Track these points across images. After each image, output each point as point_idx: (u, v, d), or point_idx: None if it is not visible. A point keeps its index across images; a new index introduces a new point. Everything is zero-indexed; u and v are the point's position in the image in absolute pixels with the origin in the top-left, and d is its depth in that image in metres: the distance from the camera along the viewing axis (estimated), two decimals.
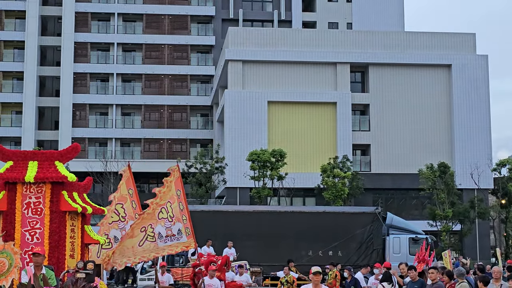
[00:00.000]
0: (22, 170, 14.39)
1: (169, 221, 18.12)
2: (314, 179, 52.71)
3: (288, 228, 33.32)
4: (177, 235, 18.17)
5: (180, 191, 18.77)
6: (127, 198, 20.31)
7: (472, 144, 57.72)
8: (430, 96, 58.72)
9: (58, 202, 14.44)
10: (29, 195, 14.39)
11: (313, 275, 11.68)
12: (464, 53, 59.73)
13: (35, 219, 14.30)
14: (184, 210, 18.46)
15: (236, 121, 56.76)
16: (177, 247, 18.32)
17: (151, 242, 17.91)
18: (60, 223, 14.39)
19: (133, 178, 20.81)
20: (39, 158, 14.72)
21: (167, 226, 18.08)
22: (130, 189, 20.50)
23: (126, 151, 68.52)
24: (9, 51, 70.24)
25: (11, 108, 69.53)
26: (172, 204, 18.28)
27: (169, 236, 18.06)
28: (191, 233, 18.34)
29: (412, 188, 54.96)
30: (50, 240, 14.21)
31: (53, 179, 14.39)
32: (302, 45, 58.71)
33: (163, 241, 18.01)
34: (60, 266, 13.97)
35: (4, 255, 9.18)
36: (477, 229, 54.63)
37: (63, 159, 14.89)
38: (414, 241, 33.71)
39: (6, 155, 14.77)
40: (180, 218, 18.34)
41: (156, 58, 70.44)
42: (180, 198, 18.63)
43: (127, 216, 20.01)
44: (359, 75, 60.77)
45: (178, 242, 18.22)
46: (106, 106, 70.08)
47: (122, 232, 19.56)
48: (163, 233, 17.99)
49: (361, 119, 59.44)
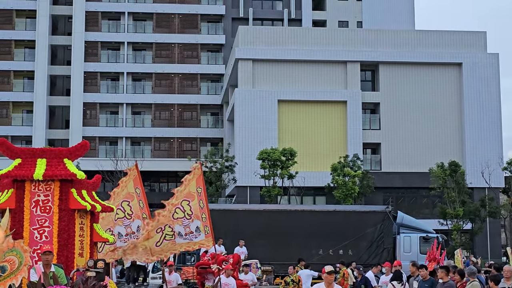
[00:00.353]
0: (30, 168, 14.11)
1: (187, 218, 18.00)
2: (324, 178, 52.68)
3: (298, 227, 33.30)
4: (195, 232, 18.00)
5: (201, 188, 18.57)
6: (134, 197, 20.19)
7: (482, 143, 57.55)
8: (440, 94, 58.58)
9: (67, 200, 14.20)
10: (37, 193, 14.12)
11: (327, 275, 11.65)
12: (475, 52, 59.56)
13: (44, 217, 14.06)
14: (204, 208, 18.31)
15: (246, 120, 56.77)
16: (194, 244, 18.17)
17: (169, 241, 17.80)
18: (69, 221, 14.13)
19: (140, 178, 20.69)
20: (48, 156, 14.46)
21: (185, 225, 17.98)
22: (138, 188, 20.38)
23: (136, 150, 68.64)
24: (20, 50, 70.47)
25: (22, 107, 69.75)
26: (191, 201, 18.14)
27: (188, 234, 17.94)
28: (210, 232, 18.18)
29: (422, 187, 54.84)
30: (59, 239, 13.96)
31: (62, 176, 14.12)
32: (312, 44, 58.67)
33: (183, 238, 17.90)
34: (69, 264, 13.77)
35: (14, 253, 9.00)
36: (488, 228, 54.47)
37: (72, 156, 14.64)
38: (425, 240, 33.63)
39: (14, 153, 14.50)
40: (199, 216, 18.17)
41: (166, 57, 70.53)
42: (200, 195, 18.46)
43: (134, 214, 19.94)
44: (369, 73, 60.69)
45: (196, 240, 18.06)
46: (117, 105, 70.23)
47: (127, 230, 19.64)
48: (182, 232, 17.90)
49: (372, 118, 59.36)
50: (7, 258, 8.79)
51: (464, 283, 16.01)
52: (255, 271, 28.52)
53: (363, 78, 60.04)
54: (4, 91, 68.57)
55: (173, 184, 69.84)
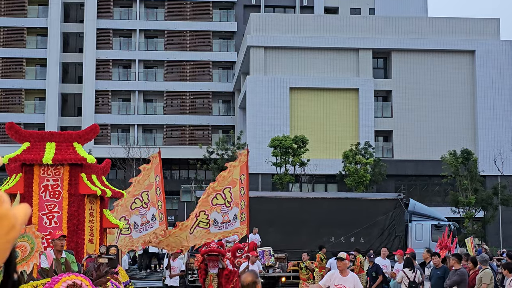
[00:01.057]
0: (39, 152, 13.69)
1: (226, 206, 17.65)
2: (336, 165, 52.63)
3: (310, 214, 33.28)
4: (232, 220, 17.67)
5: (245, 176, 18.29)
6: (153, 185, 20.09)
7: (495, 130, 57.32)
8: (453, 82, 58.33)
9: (77, 184, 13.80)
10: (46, 178, 13.72)
11: (338, 261, 11.64)
12: (488, 39, 59.23)
13: (53, 203, 13.72)
14: (244, 196, 18.03)
15: (258, 107, 56.73)
16: (229, 232, 17.95)
17: (202, 229, 17.43)
18: (79, 206, 13.78)
19: (161, 165, 20.65)
20: (57, 139, 14.05)
21: (223, 212, 17.62)
22: (158, 176, 20.27)
23: (148, 137, 68.74)
24: (32, 37, 70.57)
25: (35, 94, 69.94)
26: (233, 188, 17.81)
27: (225, 222, 17.59)
28: (246, 220, 17.96)
29: (434, 174, 54.69)
30: (68, 224, 13.65)
31: (72, 161, 13.69)
32: (324, 31, 58.49)
33: (217, 228, 17.52)
34: (79, 251, 13.47)
35: (25, 239, 8.69)
36: (500, 216, 54.30)
37: (82, 140, 14.20)
38: (437, 227, 33.53)
39: (22, 136, 14.09)
40: (238, 203, 17.87)
41: (178, 44, 70.47)
42: (243, 183, 18.17)
43: (150, 203, 19.82)
44: (382, 61, 60.48)
45: (231, 229, 17.78)
46: (129, 92, 70.30)
47: (142, 219, 19.55)
48: (219, 220, 17.54)
49: (384, 105, 59.20)
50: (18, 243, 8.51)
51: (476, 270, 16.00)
52: (269, 258, 28.54)
53: (375, 66, 59.84)
54: (17, 79, 68.73)
55: (184, 171, 69.98)
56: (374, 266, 22.21)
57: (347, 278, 11.52)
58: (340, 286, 11.44)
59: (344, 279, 11.48)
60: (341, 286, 11.44)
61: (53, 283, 8.44)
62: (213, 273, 19.57)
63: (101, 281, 9.66)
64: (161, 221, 20.16)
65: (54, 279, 8.53)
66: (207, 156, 53.13)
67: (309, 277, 21.52)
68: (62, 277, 8.54)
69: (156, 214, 20.02)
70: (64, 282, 8.40)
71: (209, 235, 17.54)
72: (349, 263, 12.31)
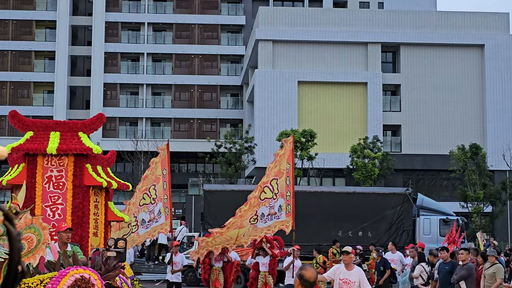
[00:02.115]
0: (43, 141, 13.09)
1: (273, 199, 16.85)
2: (344, 159, 52.55)
3: (317, 208, 33.19)
4: (277, 212, 16.87)
5: (290, 165, 17.38)
6: (160, 179, 19.78)
7: (504, 125, 57.14)
8: (462, 76, 58.15)
9: (82, 176, 13.20)
10: (50, 168, 13.14)
11: (343, 254, 11.63)
12: (497, 33, 58.99)
13: (57, 194, 13.12)
14: (290, 186, 17.21)
15: (266, 101, 56.69)
16: (275, 226, 17.01)
17: (251, 225, 16.69)
18: (84, 198, 13.18)
19: (169, 158, 20.32)
20: (62, 129, 13.45)
21: (270, 205, 16.87)
22: (165, 169, 19.95)
23: (156, 130, 68.78)
24: (41, 30, 70.66)
25: (43, 87, 70.06)
26: (279, 179, 17.03)
27: (271, 214, 16.81)
28: (291, 212, 17.11)
29: (443, 169, 54.56)
30: (73, 217, 13.09)
31: (77, 151, 13.10)
32: (332, 25, 58.35)
33: (263, 221, 16.75)
34: (83, 244, 13.00)
35: (32, 230, 8.32)
36: (509, 211, 54.14)
37: (87, 130, 13.61)
38: (445, 222, 33.42)
39: (25, 125, 13.48)
40: (284, 193, 17.05)
41: (186, 38, 70.45)
42: (288, 172, 17.31)
43: (157, 198, 19.57)
44: (390, 55, 60.32)
45: (276, 221, 16.93)
46: (137, 85, 70.34)
47: (150, 215, 19.35)
48: (265, 213, 16.81)
49: (392, 100, 59.05)
50: (25, 235, 8.19)
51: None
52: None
53: (384, 60, 59.69)
54: (25, 72, 68.87)
55: (192, 165, 70.03)
56: (382, 261, 22.17)
57: (352, 272, 11.48)
58: (345, 280, 11.40)
59: (349, 273, 11.44)
60: (346, 280, 11.39)
61: (60, 277, 8.19)
62: (218, 267, 19.49)
63: (110, 275, 9.43)
64: (167, 215, 19.93)
65: (61, 272, 8.30)
66: (215, 149, 53.13)
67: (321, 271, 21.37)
68: (70, 270, 8.31)
69: (162, 208, 19.76)
70: (71, 276, 8.18)
71: (256, 231, 16.83)
72: (354, 257, 12.27)
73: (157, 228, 19.78)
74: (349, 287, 11.39)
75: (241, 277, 27.68)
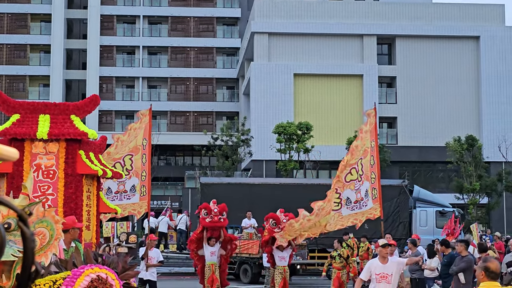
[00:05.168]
0: (31, 125, 11.72)
1: (358, 181, 14.80)
2: (340, 151, 52.53)
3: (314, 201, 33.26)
4: (364, 198, 14.81)
5: (374, 141, 15.17)
6: (139, 150, 17.80)
7: (500, 117, 57.22)
8: (457, 68, 58.19)
9: (74, 163, 11.80)
10: (39, 155, 11.75)
11: (381, 248, 11.34)
12: (493, 25, 59.02)
13: (47, 184, 11.77)
14: (374, 167, 15.04)
15: (262, 93, 56.69)
16: (362, 215, 14.90)
17: (335, 212, 14.70)
18: (77, 188, 11.79)
19: (151, 125, 18.34)
20: (52, 111, 12.04)
21: (356, 189, 14.79)
22: (145, 139, 18.03)
23: (152, 123, 68.38)
24: (36, 24, 70.51)
25: (39, 80, 69.94)
26: (364, 158, 14.99)
27: (358, 201, 14.78)
28: (378, 197, 15.01)
29: (439, 161, 54.68)
30: (65, 208, 11.75)
31: (70, 135, 11.72)
32: (328, 17, 58.33)
33: (350, 208, 14.74)
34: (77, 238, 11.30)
35: (44, 224, 7.41)
36: (505, 202, 54.27)
37: (80, 112, 12.18)
38: (441, 214, 33.54)
39: (11, 107, 12.01)
40: (368, 176, 14.95)
41: (182, 30, 70.36)
42: (372, 150, 15.14)
43: (133, 171, 17.52)
44: (386, 47, 60.33)
45: (364, 210, 14.85)
46: (132, 79, 70.27)
47: (119, 187, 17.33)
48: (352, 198, 14.84)
49: (388, 92, 59.10)
50: (37, 229, 7.38)
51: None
52: None
53: (380, 52, 59.70)
54: (21, 65, 68.74)
55: (188, 158, 70.03)
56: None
57: (388, 265, 11.23)
58: (382, 274, 11.13)
59: (384, 267, 11.19)
60: (384, 274, 11.13)
61: (74, 277, 7.46)
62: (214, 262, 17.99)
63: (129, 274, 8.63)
64: (143, 195, 17.84)
65: (75, 272, 7.54)
66: (212, 142, 53.13)
67: (344, 265, 20.27)
68: (84, 269, 7.55)
69: (138, 185, 17.75)
70: (87, 276, 7.45)
71: (342, 220, 14.79)
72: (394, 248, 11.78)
73: (126, 207, 17.50)
74: (388, 281, 11.11)
75: (248, 271, 27.66)
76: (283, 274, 18.01)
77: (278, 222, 18.11)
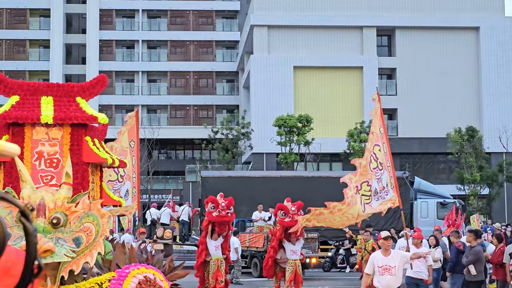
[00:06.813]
0: (33, 108, 10.35)
1: (379, 169, 13.89)
2: (340, 144, 52.56)
3: (315, 193, 33.18)
4: (386, 187, 14.01)
5: (382, 128, 14.45)
6: (127, 152, 17.09)
7: (500, 108, 57.16)
8: (458, 59, 58.10)
9: (80, 151, 10.44)
10: (41, 142, 10.37)
11: (384, 240, 11.31)
12: (493, 16, 58.90)
13: (50, 173, 10.38)
14: (387, 155, 14.17)
15: (262, 86, 56.63)
16: (386, 203, 14.07)
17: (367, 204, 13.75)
18: (83, 178, 10.42)
19: (138, 127, 17.82)
20: (55, 93, 10.62)
21: (377, 177, 13.86)
22: (132, 140, 17.53)
23: (152, 117, 68.72)
24: (35, 19, 70.42)
25: (39, 76, 69.81)
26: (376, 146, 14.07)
27: (382, 190, 13.93)
28: (395, 186, 14.28)
29: (439, 152, 54.65)
30: None
31: (78, 119, 10.32)
32: (328, 9, 58.22)
33: (376, 199, 13.87)
34: None
35: (91, 218, 6.66)
36: (506, 193, 54.27)
37: (86, 94, 10.77)
38: (442, 205, 33.55)
39: (9, 88, 10.59)
40: (385, 164, 14.04)
41: (181, 24, 70.26)
42: (383, 138, 14.29)
43: (126, 176, 16.92)
44: (386, 39, 60.22)
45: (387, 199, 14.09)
46: (132, 73, 70.21)
47: (115, 194, 16.03)
48: (378, 188, 13.88)
49: (388, 83, 59.03)
50: (84, 225, 6.67)
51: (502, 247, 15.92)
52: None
53: (379, 44, 59.61)
54: (20, 60, 68.68)
55: (189, 151, 70.02)
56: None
57: (390, 257, 11.22)
58: (384, 266, 11.12)
59: (387, 259, 11.19)
60: (386, 266, 11.12)
61: (120, 278, 6.89)
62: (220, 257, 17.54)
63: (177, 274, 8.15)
64: (134, 196, 17.49)
65: (120, 272, 6.99)
66: (212, 136, 53.11)
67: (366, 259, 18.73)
68: (130, 270, 6.98)
69: (130, 189, 17.25)
70: (134, 277, 6.87)
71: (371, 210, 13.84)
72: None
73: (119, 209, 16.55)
74: (391, 273, 11.09)
75: (258, 264, 27.61)
76: (294, 268, 17.59)
77: (287, 212, 17.76)
